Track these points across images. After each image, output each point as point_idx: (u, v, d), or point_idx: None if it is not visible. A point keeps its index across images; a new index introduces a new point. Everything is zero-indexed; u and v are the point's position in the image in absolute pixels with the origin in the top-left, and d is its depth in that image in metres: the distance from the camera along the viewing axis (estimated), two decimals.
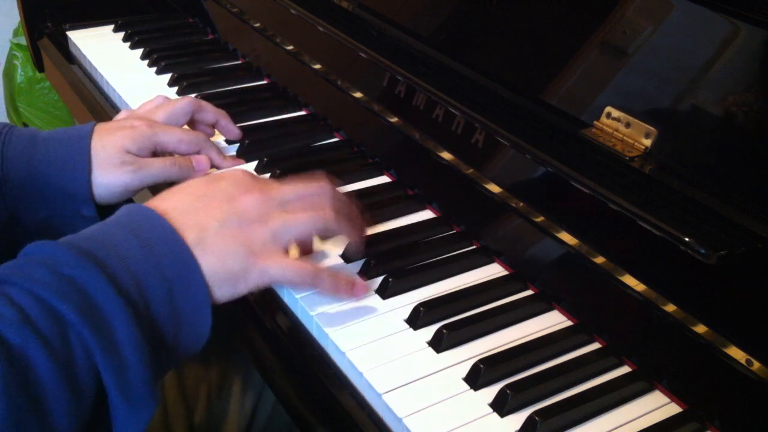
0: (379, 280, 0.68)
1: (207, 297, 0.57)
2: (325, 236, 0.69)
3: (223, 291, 0.59)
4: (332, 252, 0.71)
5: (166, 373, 0.57)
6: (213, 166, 0.82)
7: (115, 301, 0.51)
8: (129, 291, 0.53)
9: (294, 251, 0.68)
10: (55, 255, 0.52)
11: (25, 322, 0.48)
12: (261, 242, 0.60)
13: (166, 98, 0.83)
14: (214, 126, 0.86)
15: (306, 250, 0.69)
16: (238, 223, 0.60)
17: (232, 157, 0.84)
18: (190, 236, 0.58)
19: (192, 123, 0.85)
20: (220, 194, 0.62)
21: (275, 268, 0.60)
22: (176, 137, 0.78)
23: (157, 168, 0.76)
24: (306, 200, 0.64)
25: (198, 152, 0.80)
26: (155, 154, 0.78)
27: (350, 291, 0.64)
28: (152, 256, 0.55)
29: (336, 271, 0.66)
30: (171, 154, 0.79)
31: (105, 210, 0.74)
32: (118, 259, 0.54)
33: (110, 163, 0.73)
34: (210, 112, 0.85)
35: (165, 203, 0.60)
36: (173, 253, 0.56)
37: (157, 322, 0.54)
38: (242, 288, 0.60)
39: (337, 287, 0.63)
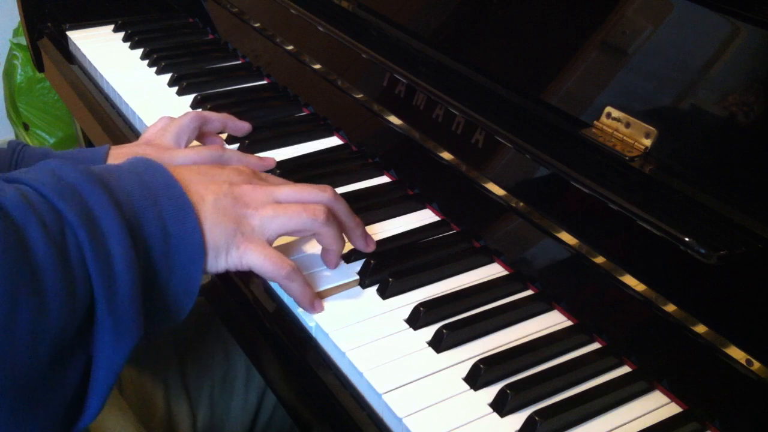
0: (378, 279, 0.68)
1: (201, 243, 0.57)
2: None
3: (205, 259, 0.59)
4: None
5: (156, 327, 0.57)
6: (221, 129, 0.83)
7: (114, 217, 0.52)
8: (126, 214, 0.54)
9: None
10: (63, 168, 0.54)
11: (29, 205, 0.49)
12: (249, 226, 0.62)
13: (170, 118, 0.83)
14: (223, 129, 0.86)
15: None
16: (233, 203, 0.61)
17: (258, 157, 0.83)
18: (190, 197, 0.59)
19: (200, 135, 0.84)
20: (222, 177, 0.63)
21: (255, 254, 0.61)
22: (189, 159, 0.75)
23: None
24: (302, 200, 0.65)
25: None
26: None
27: (312, 307, 0.65)
28: (152, 196, 0.56)
29: (311, 281, 0.66)
30: None
31: None
32: (120, 188, 0.55)
33: None
34: (215, 121, 0.85)
35: (170, 167, 0.61)
36: (173, 199, 0.57)
37: (150, 255, 0.55)
38: (221, 263, 0.60)
39: (303, 297, 0.64)
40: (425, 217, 0.78)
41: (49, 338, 0.48)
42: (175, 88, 1.00)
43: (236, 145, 0.87)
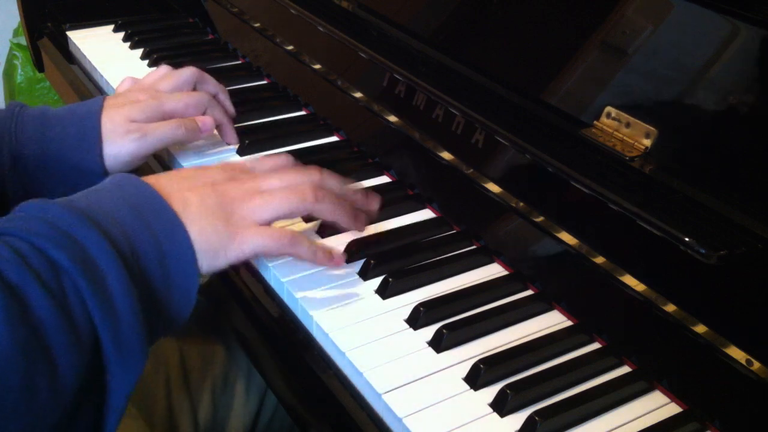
0: (379, 280, 0.68)
1: (194, 257, 0.58)
2: (311, 218, 0.70)
3: (203, 263, 0.60)
4: (334, 247, 0.71)
5: (158, 337, 0.58)
6: (217, 124, 0.84)
7: (108, 253, 0.52)
8: (121, 246, 0.54)
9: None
10: (50, 210, 0.54)
11: (24, 263, 0.49)
12: (240, 217, 0.62)
13: (170, 68, 0.85)
14: (214, 97, 0.87)
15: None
16: (219, 201, 0.62)
17: (231, 121, 0.86)
18: (174, 206, 0.59)
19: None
20: (205, 178, 0.64)
21: (253, 238, 0.62)
22: (183, 102, 0.80)
23: (163, 131, 0.77)
24: (290, 186, 0.65)
25: (204, 113, 0.82)
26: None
27: (329, 259, 0.65)
28: (141, 217, 0.57)
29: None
30: None
31: None
32: (110, 220, 0.55)
33: (116, 134, 0.75)
34: (211, 83, 0.86)
35: (150, 179, 0.61)
36: (160, 215, 0.58)
37: (148, 279, 0.55)
38: (221, 261, 0.61)
39: (315, 254, 0.64)
40: (425, 217, 0.78)
41: (68, 391, 0.49)
42: None
43: (236, 147, 0.87)
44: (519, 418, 0.56)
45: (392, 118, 0.85)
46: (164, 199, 0.59)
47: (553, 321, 0.66)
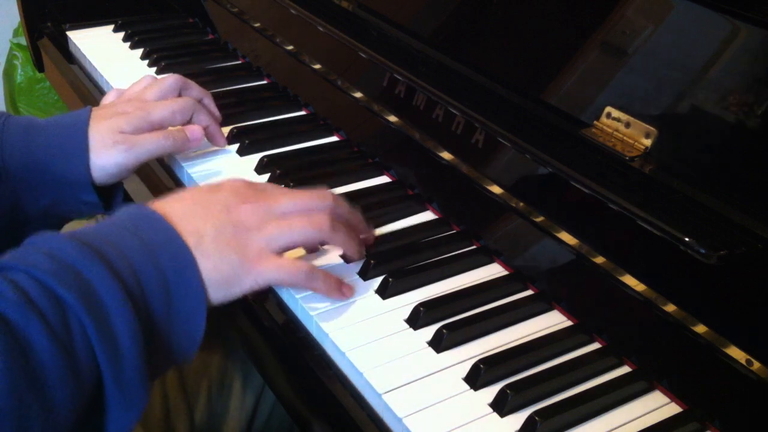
0: (379, 280, 0.68)
1: (203, 298, 0.58)
2: (322, 244, 0.70)
3: (217, 294, 0.60)
4: (332, 251, 0.71)
5: (159, 375, 0.58)
6: (204, 127, 0.83)
7: (115, 292, 0.52)
8: (128, 284, 0.53)
9: (299, 250, 0.69)
10: (56, 245, 0.53)
11: (27, 302, 0.48)
12: (256, 248, 0.61)
13: (153, 77, 0.85)
14: (199, 102, 0.86)
15: (310, 250, 0.70)
16: (234, 231, 0.61)
17: (217, 121, 0.86)
18: (188, 240, 0.58)
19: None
20: (218, 203, 0.62)
21: (269, 271, 0.61)
22: (169, 110, 0.79)
23: (150, 143, 0.76)
24: (304, 211, 0.65)
25: (190, 120, 0.81)
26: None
27: (342, 295, 0.65)
28: (151, 253, 0.56)
29: (327, 271, 0.66)
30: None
31: (104, 192, 0.76)
32: (117, 254, 0.54)
33: (104, 145, 0.74)
34: (195, 89, 0.85)
35: (164, 207, 0.60)
36: (171, 252, 0.57)
37: (153, 317, 0.55)
38: (236, 291, 0.61)
39: (330, 288, 0.64)
40: (425, 217, 0.78)
41: (62, 430, 0.48)
42: None
43: (236, 145, 0.87)
44: (519, 418, 0.56)
45: (392, 118, 0.85)
46: (178, 234, 0.58)
47: (553, 321, 0.66)
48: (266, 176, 0.83)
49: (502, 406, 0.57)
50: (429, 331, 0.63)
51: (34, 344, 0.47)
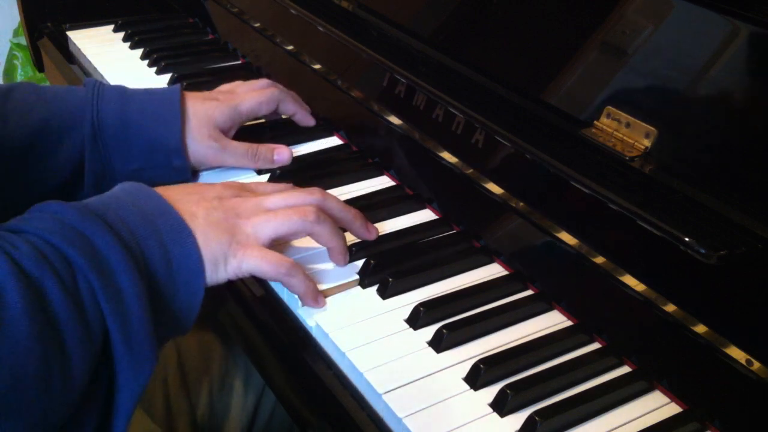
0: (378, 279, 0.68)
1: (200, 265, 0.59)
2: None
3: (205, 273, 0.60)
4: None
5: (164, 341, 0.59)
6: (291, 114, 0.88)
7: (120, 254, 0.54)
8: (131, 248, 0.55)
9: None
10: (61, 211, 0.55)
11: (41, 257, 0.51)
12: (244, 234, 0.63)
13: (272, 84, 0.88)
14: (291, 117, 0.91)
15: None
16: (224, 216, 0.63)
17: (306, 106, 0.90)
18: (182, 214, 0.61)
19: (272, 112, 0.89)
20: (211, 193, 0.65)
21: (253, 258, 0.62)
22: (256, 101, 0.83)
23: (239, 154, 0.81)
24: (292, 205, 0.66)
25: (277, 111, 0.87)
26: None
27: (315, 302, 0.65)
28: (149, 221, 0.58)
29: (311, 276, 0.67)
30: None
31: None
32: (119, 221, 0.56)
33: (200, 133, 0.78)
34: (290, 105, 0.88)
35: (159, 190, 0.63)
36: (168, 221, 0.59)
37: (154, 279, 0.56)
38: (222, 275, 0.62)
39: (306, 293, 0.65)
40: (425, 217, 0.78)
41: (78, 383, 0.51)
42: None
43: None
44: (519, 418, 0.56)
45: (392, 118, 0.85)
46: (172, 207, 0.60)
47: (553, 321, 0.66)
48: (266, 176, 0.83)
49: (502, 406, 0.57)
50: (429, 331, 0.63)
51: (49, 295, 0.49)
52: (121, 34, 1.15)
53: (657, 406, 0.59)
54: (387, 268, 0.69)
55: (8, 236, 0.52)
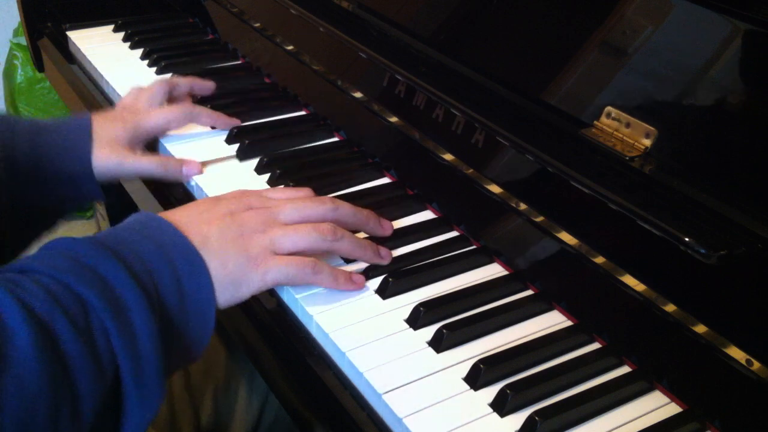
0: (379, 280, 0.68)
1: (212, 295, 0.59)
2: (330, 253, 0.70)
3: (225, 295, 0.60)
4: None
5: (174, 372, 0.59)
6: (210, 125, 0.89)
7: (134, 291, 0.53)
8: (145, 283, 0.55)
9: None
10: (74, 247, 0.55)
11: (52, 298, 0.50)
12: (261, 248, 0.62)
13: (141, 87, 0.88)
14: (192, 95, 0.92)
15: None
16: (239, 232, 0.62)
17: (222, 115, 0.90)
18: (194, 241, 0.60)
19: (171, 100, 0.89)
20: (221, 210, 0.64)
21: (275, 269, 0.62)
22: (163, 118, 0.84)
23: (144, 166, 0.80)
24: (308, 218, 0.66)
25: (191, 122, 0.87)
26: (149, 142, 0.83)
27: (350, 283, 0.65)
28: (164, 254, 0.57)
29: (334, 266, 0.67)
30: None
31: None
32: (132, 254, 0.56)
33: (103, 152, 0.77)
34: (182, 84, 0.90)
35: (169, 216, 0.62)
36: (182, 253, 0.58)
37: (168, 313, 0.56)
38: (244, 292, 0.61)
39: (337, 280, 0.65)
40: (425, 217, 0.78)
41: (85, 424, 0.50)
42: None
43: (237, 145, 0.87)
44: (519, 418, 0.56)
45: (392, 118, 0.85)
46: (185, 236, 0.59)
47: (553, 321, 0.66)
48: (266, 176, 0.83)
49: (502, 406, 0.57)
50: (429, 331, 0.63)
51: (60, 336, 0.49)
52: (121, 34, 1.15)
53: (657, 406, 0.59)
54: (387, 268, 0.69)
55: (17, 278, 0.51)
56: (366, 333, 0.63)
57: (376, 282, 0.68)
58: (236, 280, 0.60)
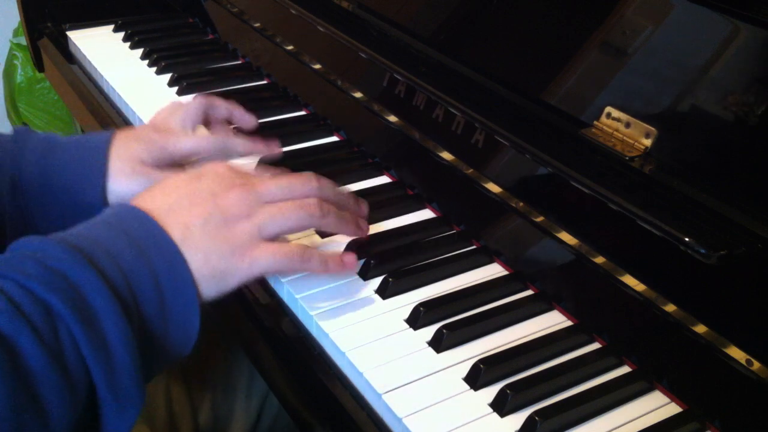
0: (379, 280, 0.68)
1: (195, 295, 0.57)
2: (319, 231, 0.69)
3: (210, 289, 0.59)
4: (330, 248, 0.71)
5: (155, 375, 0.57)
6: (245, 155, 0.80)
7: (105, 296, 0.51)
8: (118, 287, 0.52)
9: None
10: (44, 249, 0.52)
11: (16, 311, 0.47)
12: (247, 236, 0.60)
13: (179, 104, 0.82)
14: (229, 121, 0.85)
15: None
16: (223, 220, 0.60)
17: (259, 141, 0.82)
18: (175, 235, 0.57)
19: (207, 122, 0.83)
20: (203, 192, 0.61)
21: (263, 258, 0.60)
22: (194, 145, 0.76)
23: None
24: (292, 195, 0.64)
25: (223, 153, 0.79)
26: (178, 163, 0.77)
27: (340, 266, 0.64)
28: (141, 254, 0.55)
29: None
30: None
31: None
32: (107, 256, 0.53)
33: (123, 173, 0.72)
34: (221, 107, 0.83)
35: (148, 203, 0.60)
36: (161, 251, 0.56)
37: (145, 319, 0.54)
38: (231, 283, 0.60)
39: (327, 265, 0.64)
40: (425, 217, 0.78)
41: None
42: (175, 88, 1.00)
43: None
44: (519, 418, 0.56)
45: (392, 118, 0.85)
46: (165, 232, 0.57)
47: (553, 321, 0.66)
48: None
49: (502, 406, 0.57)
50: (429, 331, 0.63)
51: (25, 353, 0.47)
52: (121, 34, 1.15)
53: (657, 406, 0.59)
54: (387, 268, 0.69)
55: None
56: (366, 333, 0.63)
57: (376, 282, 0.68)
58: (221, 273, 0.58)
